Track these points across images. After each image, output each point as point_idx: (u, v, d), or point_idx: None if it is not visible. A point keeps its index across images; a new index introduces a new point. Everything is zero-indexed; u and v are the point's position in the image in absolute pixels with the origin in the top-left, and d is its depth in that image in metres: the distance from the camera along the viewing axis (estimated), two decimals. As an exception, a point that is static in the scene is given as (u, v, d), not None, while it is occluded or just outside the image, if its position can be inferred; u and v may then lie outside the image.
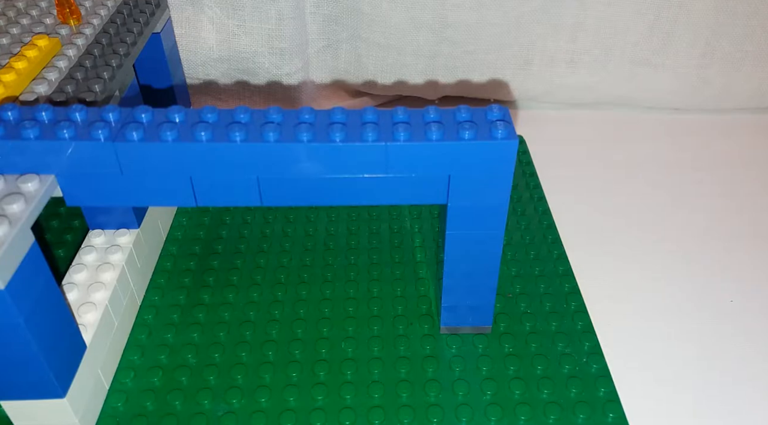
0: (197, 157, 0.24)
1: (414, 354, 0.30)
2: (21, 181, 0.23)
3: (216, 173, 0.24)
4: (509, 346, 0.31)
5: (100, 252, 0.31)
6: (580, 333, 0.31)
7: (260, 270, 0.35)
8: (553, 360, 0.30)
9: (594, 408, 0.28)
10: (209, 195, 0.25)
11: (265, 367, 0.30)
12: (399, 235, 0.38)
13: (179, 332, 0.32)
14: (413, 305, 0.33)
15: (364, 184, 0.25)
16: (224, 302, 0.33)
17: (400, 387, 0.29)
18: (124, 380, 0.29)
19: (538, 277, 0.35)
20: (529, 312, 0.32)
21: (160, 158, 0.24)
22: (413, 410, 0.28)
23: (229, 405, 0.28)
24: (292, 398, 0.28)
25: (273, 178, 0.25)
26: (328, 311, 0.33)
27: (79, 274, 0.30)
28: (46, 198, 0.24)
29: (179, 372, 0.30)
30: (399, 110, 0.25)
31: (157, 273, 0.35)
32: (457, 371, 0.30)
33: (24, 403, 0.25)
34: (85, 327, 0.28)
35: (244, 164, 0.24)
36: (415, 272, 0.35)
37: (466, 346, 0.31)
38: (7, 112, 0.24)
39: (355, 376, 0.29)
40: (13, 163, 0.24)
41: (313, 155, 0.24)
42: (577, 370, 0.29)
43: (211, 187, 0.25)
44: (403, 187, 0.25)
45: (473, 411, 0.28)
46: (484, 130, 0.24)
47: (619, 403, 0.28)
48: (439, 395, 0.28)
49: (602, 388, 0.29)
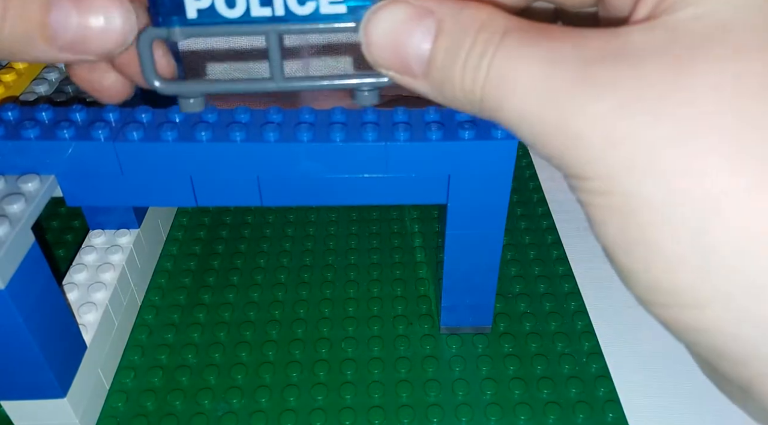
0: (197, 157, 0.24)
1: (414, 354, 0.30)
2: (21, 181, 0.23)
3: (216, 172, 0.24)
4: (509, 346, 0.31)
5: (100, 252, 0.31)
6: (580, 333, 0.31)
7: (260, 270, 0.35)
8: (552, 360, 0.30)
9: (594, 408, 0.28)
10: (209, 195, 0.25)
11: (265, 367, 0.30)
12: (399, 235, 0.38)
13: (179, 332, 0.32)
14: (413, 306, 0.33)
15: (364, 184, 0.25)
16: (224, 303, 0.33)
17: (400, 387, 0.29)
18: (124, 380, 0.29)
19: (538, 277, 0.35)
20: (529, 312, 0.32)
21: (160, 158, 0.24)
22: (413, 410, 0.28)
23: (229, 405, 0.28)
24: (292, 398, 0.28)
25: (273, 177, 0.25)
26: (328, 311, 0.33)
27: (80, 274, 0.30)
28: (47, 198, 0.24)
29: (179, 372, 0.30)
30: (399, 110, 0.25)
31: (158, 273, 0.35)
32: (457, 371, 0.30)
33: (24, 403, 0.25)
34: (86, 327, 0.28)
35: (245, 164, 0.24)
36: (415, 272, 0.35)
37: (466, 346, 0.31)
38: (7, 112, 0.24)
39: (355, 376, 0.29)
40: (14, 163, 0.24)
41: (313, 154, 0.24)
42: (577, 370, 0.29)
43: (211, 187, 0.25)
44: (403, 187, 0.25)
45: (473, 411, 0.28)
46: (483, 129, 0.24)
47: (619, 403, 0.28)
48: (439, 395, 0.28)
49: (602, 388, 0.29)
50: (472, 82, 0.16)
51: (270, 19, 0.15)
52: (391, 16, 0.16)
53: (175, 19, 0.15)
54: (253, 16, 0.15)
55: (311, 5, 0.15)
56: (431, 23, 0.16)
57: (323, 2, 0.15)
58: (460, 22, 0.16)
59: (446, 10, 0.16)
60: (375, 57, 0.17)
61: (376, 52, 0.17)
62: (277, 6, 0.15)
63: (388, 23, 0.16)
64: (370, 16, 0.16)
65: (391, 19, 0.16)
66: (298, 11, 0.15)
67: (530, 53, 0.15)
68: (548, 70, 0.15)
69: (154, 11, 0.15)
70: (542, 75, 0.15)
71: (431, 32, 0.16)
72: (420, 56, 0.16)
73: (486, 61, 0.15)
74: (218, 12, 0.15)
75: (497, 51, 0.15)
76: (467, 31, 0.16)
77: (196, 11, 0.15)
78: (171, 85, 0.17)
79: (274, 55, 0.16)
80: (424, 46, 0.16)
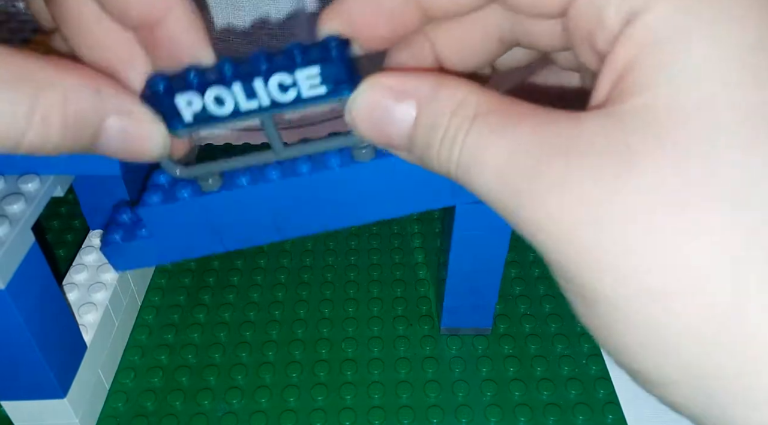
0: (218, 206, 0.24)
1: (414, 355, 0.30)
2: (21, 181, 0.23)
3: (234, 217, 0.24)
4: (509, 347, 0.31)
5: (100, 252, 0.31)
6: (579, 334, 0.31)
7: (260, 271, 0.35)
8: (552, 362, 0.30)
9: (593, 410, 0.28)
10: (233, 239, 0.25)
11: (265, 368, 0.30)
12: (399, 236, 0.38)
13: (179, 332, 0.32)
14: (413, 307, 0.33)
15: (375, 199, 0.25)
16: (224, 303, 0.33)
17: (400, 387, 0.29)
18: (124, 380, 0.29)
19: (538, 279, 0.35)
20: (529, 314, 0.32)
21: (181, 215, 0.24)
22: (413, 411, 0.28)
23: (229, 405, 0.28)
24: (292, 398, 0.28)
25: (286, 213, 0.25)
26: (328, 311, 0.33)
27: (80, 274, 0.30)
28: (47, 198, 0.24)
29: (179, 372, 0.30)
30: None
31: (158, 274, 0.35)
32: (456, 372, 0.30)
33: (24, 403, 0.25)
34: (86, 328, 0.28)
35: (255, 204, 0.24)
36: (415, 273, 0.35)
37: (466, 347, 0.31)
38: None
39: (355, 377, 0.29)
40: (14, 163, 0.24)
41: (314, 183, 0.24)
42: (577, 372, 0.29)
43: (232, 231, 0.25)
44: (413, 195, 0.25)
45: (473, 412, 0.28)
46: None
47: (619, 405, 0.28)
48: (439, 396, 0.28)
49: (602, 390, 0.29)
50: (447, 160, 0.17)
51: (258, 109, 0.16)
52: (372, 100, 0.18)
53: (175, 122, 0.16)
54: (242, 110, 0.16)
55: (293, 92, 0.16)
56: (411, 104, 0.18)
57: (304, 88, 0.16)
58: (437, 103, 0.17)
59: (424, 91, 0.18)
60: (362, 135, 0.18)
61: (362, 131, 0.18)
62: (262, 98, 0.16)
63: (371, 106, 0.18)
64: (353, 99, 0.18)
65: (373, 102, 0.18)
66: (282, 99, 0.16)
67: (495, 141, 0.16)
68: (510, 161, 0.16)
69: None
70: (504, 164, 0.16)
71: (411, 113, 0.18)
72: (401, 134, 0.18)
73: (458, 144, 0.17)
74: (211, 113, 0.16)
75: (467, 136, 0.16)
76: (443, 113, 0.17)
77: (191, 115, 0.16)
78: (189, 170, 0.19)
79: (270, 132, 0.17)
80: (405, 125, 0.18)
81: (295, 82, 0.16)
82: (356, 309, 0.33)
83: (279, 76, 0.16)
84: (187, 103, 0.16)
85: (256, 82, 0.16)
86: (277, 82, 0.16)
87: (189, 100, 0.16)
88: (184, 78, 0.16)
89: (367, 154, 0.22)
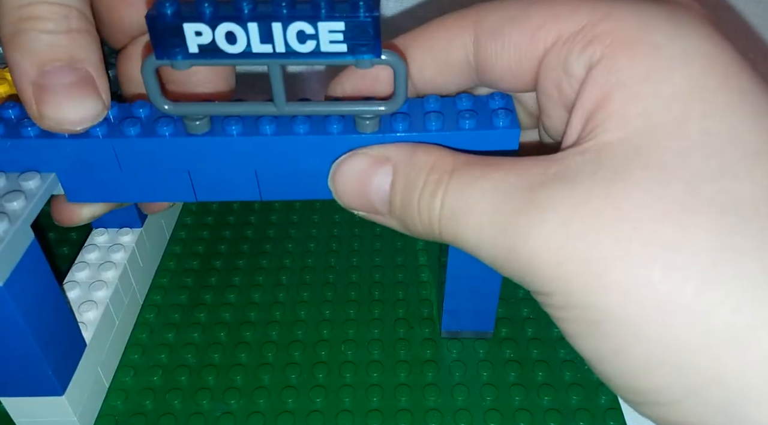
0: (194, 151, 0.23)
1: (414, 358, 0.30)
2: (22, 179, 0.24)
3: (214, 167, 0.24)
4: (510, 352, 0.30)
5: (102, 251, 0.31)
6: (583, 339, 0.31)
7: (262, 271, 0.35)
8: (554, 367, 0.30)
9: (595, 416, 0.27)
10: (208, 190, 0.25)
11: (264, 368, 0.30)
12: (402, 238, 0.37)
13: (180, 331, 0.32)
14: (414, 309, 0.33)
15: None
16: (225, 303, 0.33)
17: (399, 390, 0.29)
18: (123, 378, 0.30)
19: (542, 282, 0.34)
20: (531, 318, 0.32)
21: (158, 154, 0.23)
22: (412, 414, 0.28)
23: (227, 405, 0.28)
24: (290, 400, 0.28)
25: (271, 171, 0.24)
26: (329, 313, 0.33)
27: (82, 272, 0.30)
28: (47, 196, 0.24)
29: (179, 371, 0.30)
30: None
31: (160, 273, 0.35)
32: (457, 376, 0.29)
33: (23, 400, 0.25)
34: (86, 325, 0.28)
35: (241, 158, 0.24)
36: (418, 275, 0.35)
37: (467, 351, 0.30)
38: (8, 110, 0.24)
39: (354, 379, 0.29)
40: (14, 160, 0.24)
41: (310, 148, 0.23)
42: (579, 377, 0.29)
43: (209, 181, 0.25)
44: None
45: (472, 416, 0.27)
46: (484, 119, 0.23)
47: (621, 411, 0.28)
48: (439, 399, 0.28)
49: (603, 396, 0.28)
50: (428, 218, 0.17)
51: (270, 54, 0.15)
52: (352, 167, 0.18)
53: (177, 51, 0.15)
54: (254, 52, 0.15)
55: (311, 44, 0.15)
56: (388, 169, 0.18)
57: (324, 41, 0.15)
58: (412, 164, 0.18)
59: (401, 156, 0.18)
60: (345, 203, 0.19)
61: (344, 199, 0.19)
62: (277, 43, 0.15)
63: (351, 173, 0.18)
64: (336, 168, 0.18)
65: (354, 169, 0.18)
66: (298, 49, 0.15)
67: (479, 187, 0.17)
68: (496, 200, 0.16)
69: (154, 43, 0.16)
70: (491, 206, 0.16)
71: (389, 176, 0.18)
72: (382, 198, 0.18)
73: (438, 199, 0.17)
74: (219, 48, 0.15)
75: (447, 189, 0.17)
76: (419, 173, 0.18)
77: (197, 46, 0.15)
78: (178, 107, 0.18)
79: (276, 83, 0.16)
80: (384, 189, 0.18)
81: (316, 34, 0.15)
82: (357, 311, 0.33)
83: (300, 24, 0.15)
84: (195, 33, 0.15)
85: (275, 26, 0.15)
86: (297, 30, 0.15)
87: (198, 30, 0.15)
88: (197, 6, 0.15)
89: (370, 126, 0.21)
